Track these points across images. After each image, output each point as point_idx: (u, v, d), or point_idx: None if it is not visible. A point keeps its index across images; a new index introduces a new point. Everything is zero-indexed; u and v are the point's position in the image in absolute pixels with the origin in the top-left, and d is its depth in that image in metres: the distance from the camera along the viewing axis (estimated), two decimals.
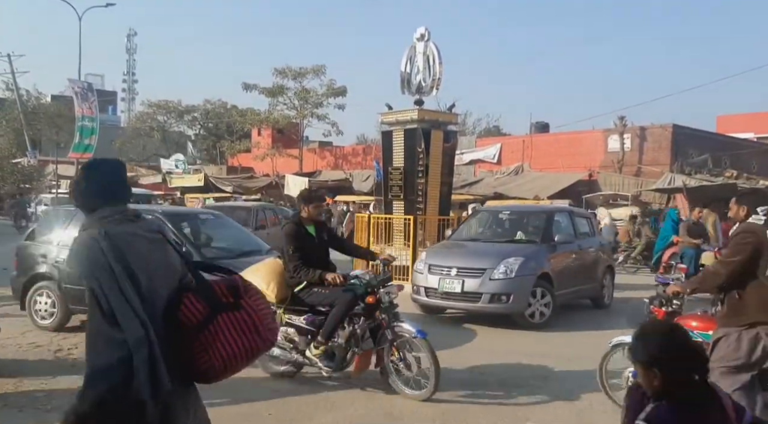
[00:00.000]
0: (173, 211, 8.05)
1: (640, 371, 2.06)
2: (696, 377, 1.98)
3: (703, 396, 1.87)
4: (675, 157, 24.03)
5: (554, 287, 8.47)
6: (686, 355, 2.00)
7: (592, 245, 10.13)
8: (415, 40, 12.35)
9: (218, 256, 7.16)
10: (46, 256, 7.48)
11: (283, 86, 33.98)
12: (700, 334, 4.38)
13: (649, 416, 1.95)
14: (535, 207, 11.62)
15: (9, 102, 42.45)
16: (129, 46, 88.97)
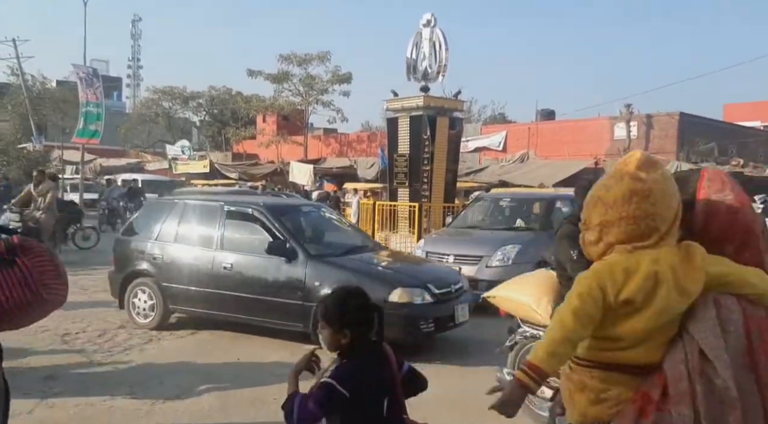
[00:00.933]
0: (275, 203, 7.49)
1: (329, 332, 2.22)
2: (374, 337, 2.24)
3: (377, 353, 2.13)
4: (681, 146, 23.88)
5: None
6: (371, 317, 2.25)
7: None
8: (421, 26, 12.28)
9: (325, 253, 6.68)
10: (144, 252, 7.14)
11: (288, 73, 33.82)
12: None
13: (335, 374, 2.16)
14: (536, 194, 11.55)
15: (14, 87, 42.40)
16: (134, 32, 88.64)
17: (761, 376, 1.52)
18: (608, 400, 1.70)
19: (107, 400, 4.71)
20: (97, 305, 8.05)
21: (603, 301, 1.66)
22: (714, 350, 1.56)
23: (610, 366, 1.71)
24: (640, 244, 1.69)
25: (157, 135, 45.77)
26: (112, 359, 5.78)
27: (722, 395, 1.52)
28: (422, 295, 6.00)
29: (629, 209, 1.69)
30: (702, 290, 1.66)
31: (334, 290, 2.34)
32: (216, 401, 4.77)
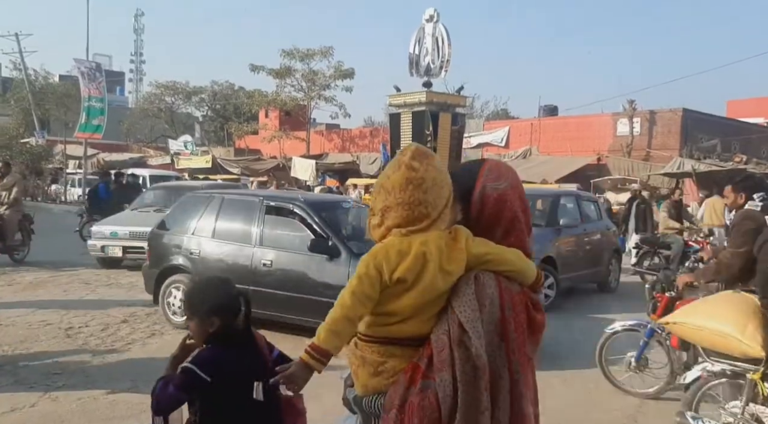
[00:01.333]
0: (316, 199, 7.26)
1: (196, 322, 2.28)
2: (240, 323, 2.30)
3: (246, 338, 2.22)
4: (684, 142, 23.84)
5: (558, 271, 8.47)
6: (237, 303, 2.31)
7: (598, 228, 10.10)
8: (424, 21, 12.24)
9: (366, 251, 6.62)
10: (180, 246, 6.91)
11: (290, 68, 33.79)
12: None
13: (195, 359, 2.22)
14: (541, 190, 11.57)
15: (17, 82, 42.45)
16: (136, 27, 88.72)
17: (509, 343, 1.75)
18: (385, 372, 1.85)
19: (110, 394, 4.73)
20: (100, 300, 8.07)
21: (379, 280, 1.82)
22: (470, 322, 1.75)
23: (386, 340, 1.87)
24: (413, 228, 1.84)
25: (160, 130, 45.80)
26: (115, 353, 5.79)
27: (475, 362, 1.71)
28: None
29: (404, 196, 1.84)
30: (466, 268, 1.83)
31: (195, 280, 2.41)
32: None
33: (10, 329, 6.55)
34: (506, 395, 1.74)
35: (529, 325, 1.85)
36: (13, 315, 7.09)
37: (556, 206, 9.39)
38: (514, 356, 1.78)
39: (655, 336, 4.84)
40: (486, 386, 1.72)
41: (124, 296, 8.42)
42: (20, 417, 4.26)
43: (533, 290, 1.94)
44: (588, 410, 4.72)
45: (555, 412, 4.65)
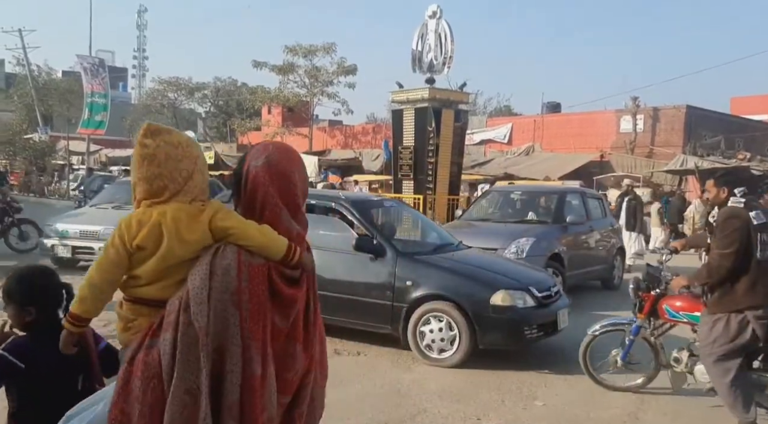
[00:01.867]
0: (357, 198, 7.08)
1: (12, 310, 2.34)
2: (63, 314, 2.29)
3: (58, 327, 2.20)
4: (688, 139, 23.77)
5: (565, 268, 8.46)
6: (58, 294, 2.39)
7: (603, 226, 10.09)
8: (427, 17, 12.24)
9: (414, 251, 6.36)
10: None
11: (293, 64, 33.73)
12: (686, 315, 4.57)
13: (9, 346, 2.28)
14: (547, 187, 11.56)
15: (20, 77, 42.52)
16: (139, 23, 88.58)
17: (242, 311, 1.89)
18: (133, 328, 2.04)
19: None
20: None
21: (124, 247, 2.01)
22: (194, 289, 1.91)
23: (135, 300, 2.07)
24: (155, 200, 2.03)
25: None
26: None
27: (194, 325, 1.89)
28: (524, 298, 5.62)
29: (142, 171, 2.05)
30: (215, 240, 1.99)
31: (18, 269, 2.46)
32: None
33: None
34: (238, 359, 1.89)
35: (274, 297, 1.99)
36: None
37: (562, 204, 9.39)
38: (247, 324, 1.91)
39: (641, 333, 4.88)
40: (205, 349, 1.87)
41: None
42: None
43: (286, 265, 2.04)
44: (589, 408, 4.72)
45: (556, 410, 4.66)
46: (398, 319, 5.72)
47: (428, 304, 5.63)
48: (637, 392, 5.02)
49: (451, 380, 5.21)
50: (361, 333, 6.65)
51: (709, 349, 4.03)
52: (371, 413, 4.47)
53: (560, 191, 10.35)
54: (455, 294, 5.57)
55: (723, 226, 4.02)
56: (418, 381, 5.14)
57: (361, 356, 5.87)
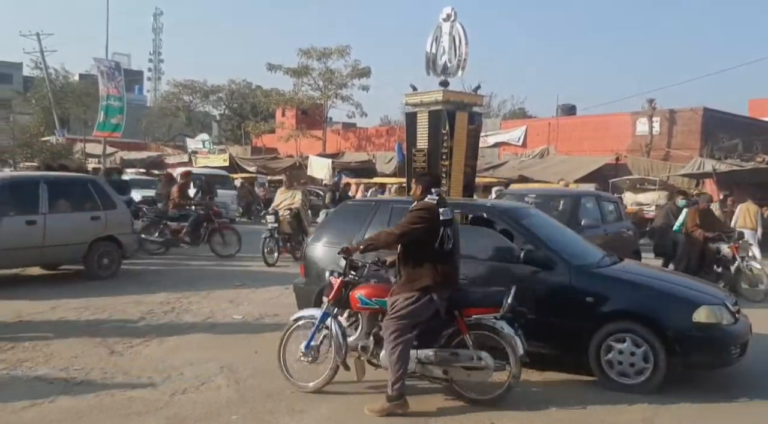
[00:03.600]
0: (508, 206, 6.75)
1: None
2: None
3: None
4: (705, 142, 23.51)
5: None
6: None
7: (619, 229, 10.00)
8: (441, 20, 12.19)
9: (584, 263, 5.64)
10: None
11: (307, 67, 33.89)
12: (377, 301, 4.74)
13: None
14: (562, 191, 11.50)
15: (38, 80, 43.02)
16: (155, 26, 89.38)
17: None
18: None
19: (127, 390, 4.77)
20: (118, 297, 8.15)
21: None
22: None
23: None
24: None
25: (178, 128, 46.18)
26: (133, 350, 5.84)
27: None
28: (724, 314, 5.13)
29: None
30: None
31: None
32: (234, 393, 4.81)
33: (30, 325, 6.64)
34: None
35: None
36: (32, 311, 7.20)
37: (577, 207, 9.35)
38: None
39: (328, 321, 4.79)
40: None
41: (143, 292, 8.50)
42: (39, 412, 4.32)
43: None
44: (604, 413, 4.67)
45: (570, 414, 4.62)
46: (578, 339, 5.18)
47: (615, 323, 5.08)
48: (650, 398, 4.96)
49: None
50: None
51: (396, 320, 4.52)
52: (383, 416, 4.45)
53: (575, 194, 10.28)
54: (651, 311, 5.04)
55: (415, 212, 4.70)
56: (430, 385, 5.11)
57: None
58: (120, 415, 4.33)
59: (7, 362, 5.32)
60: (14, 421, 4.16)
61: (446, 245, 4.57)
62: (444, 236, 4.55)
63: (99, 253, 9.49)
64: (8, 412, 4.29)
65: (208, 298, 8.29)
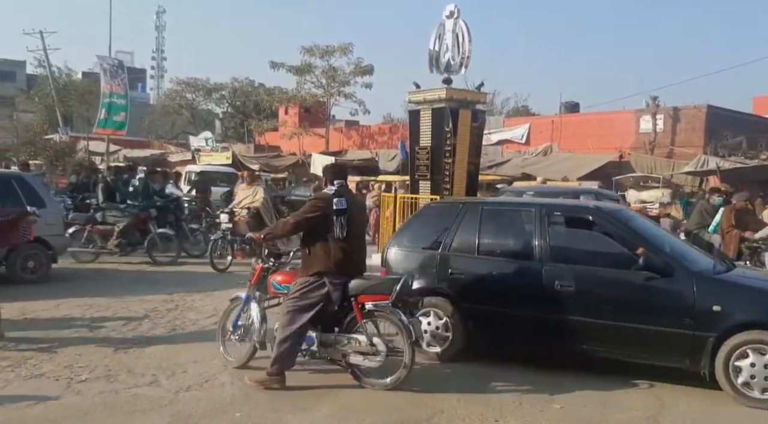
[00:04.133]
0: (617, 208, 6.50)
1: None
2: None
3: None
4: (709, 139, 23.46)
5: None
6: None
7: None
8: (444, 17, 12.19)
9: (703, 268, 5.36)
10: (434, 266, 5.90)
11: (310, 65, 33.83)
12: (285, 286, 5.13)
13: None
14: (560, 188, 11.42)
15: (41, 79, 43.10)
16: (158, 24, 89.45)
17: None
18: None
19: (131, 388, 4.79)
20: (122, 295, 8.17)
21: None
22: None
23: None
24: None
25: (181, 126, 46.21)
26: (137, 348, 5.86)
27: None
28: None
29: None
30: None
31: None
32: (238, 391, 4.82)
33: (35, 323, 6.66)
34: None
35: None
36: (37, 309, 7.22)
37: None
38: None
39: (252, 303, 5.30)
40: None
41: (147, 291, 8.52)
42: (45, 409, 4.33)
43: None
44: (608, 411, 4.67)
45: (574, 412, 4.62)
46: (702, 351, 4.87)
47: (747, 333, 4.76)
48: (656, 396, 4.96)
49: (469, 381, 5.18)
50: None
51: (291, 302, 4.89)
52: (387, 413, 4.46)
53: (572, 192, 10.20)
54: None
55: (311, 202, 5.09)
56: (435, 382, 5.12)
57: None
58: (125, 412, 4.34)
59: (12, 359, 5.34)
60: (19, 418, 4.18)
61: (340, 233, 4.86)
62: (338, 225, 4.85)
63: (23, 255, 8.81)
64: (13, 409, 4.31)
65: (212, 297, 8.30)
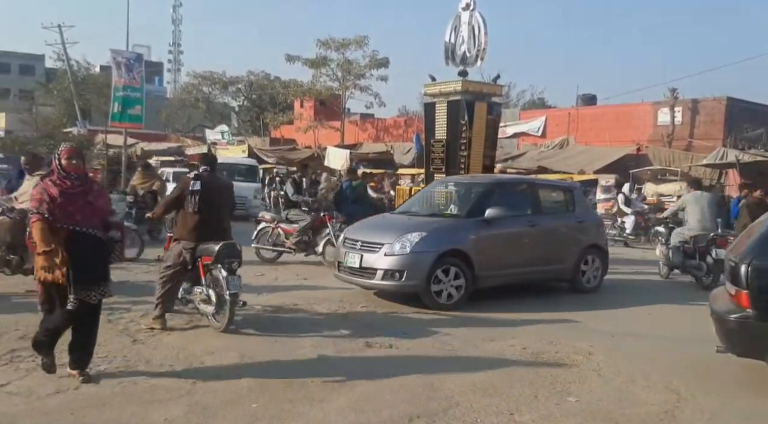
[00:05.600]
0: None
1: None
2: None
3: None
4: (728, 132, 23.14)
5: (475, 267, 7.77)
6: None
7: (562, 221, 9.14)
8: (460, 9, 12.14)
9: None
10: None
11: (326, 58, 33.84)
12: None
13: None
14: (482, 178, 10.18)
15: (60, 72, 43.54)
16: (175, 17, 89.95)
17: None
18: None
19: (149, 378, 4.84)
20: (139, 286, 8.25)
21: None
22: None
23: None
24: None
25: (197, 120, 46.45)
26: (155, 339, 5.92)
27: None
28: None
29: None
30: None
31: None
32: (254, 383, 4.85)
33: None
34: None
35: None
36: None
37: (483, 196, 8.47)
38: None
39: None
40: None
41: None
42: (65, 399, 4.39)
43: None
44: (624, 405, 4.65)
45: (590, 406, 4.60)
46: None
47: None
48: (673, 390, 4.93)
49: (484, 374, 5.18)
50: (391, 326, 6.67)
51: (162, 264, 6.51)
52: (403, 405, 4.47)
53: (489, 182, 9.16)
54: None
55: (177, 185, 6.71)
56: (450, 374, 5.12)
57: (393, 348, 5.88)
58: (142, 402, 4.39)
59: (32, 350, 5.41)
60: (40, 408, 4.24)
61: (192, 208, 6.18)
62: (191, 202, 6.18)
63: None
64: (34, 399, 4.37)
65: None
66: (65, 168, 4.61)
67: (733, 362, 5.27)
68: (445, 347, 5.98)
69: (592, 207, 15.61)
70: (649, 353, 5.96)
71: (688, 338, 6.52)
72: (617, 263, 11.21)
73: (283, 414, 4.27)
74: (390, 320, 7.11)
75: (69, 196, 4.57)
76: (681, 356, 5.90)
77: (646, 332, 6.93)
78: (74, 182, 4.62)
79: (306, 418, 4.21)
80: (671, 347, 6.21)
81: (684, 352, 6.03)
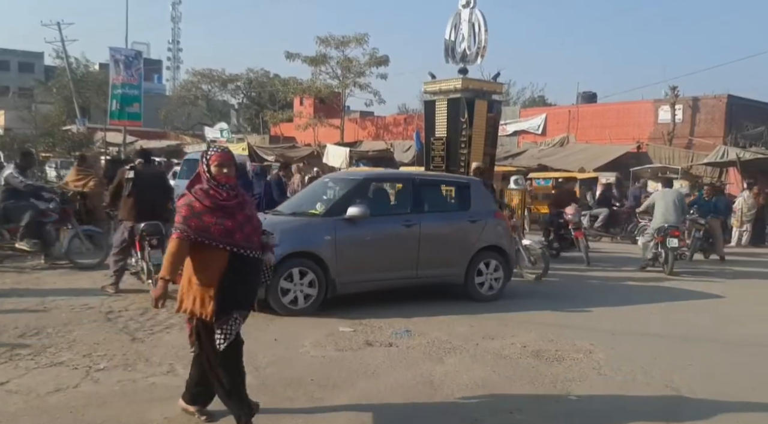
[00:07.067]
0: None
1: None
2: None
3: None
4: (729, 130, 23.13)
5: (330, 270, 7.12)
6: None
7: (450, 220, 8.23)
8: (460, 6, 12.09)
9: None
10: None
11: (325, 55, 33.80)
12: None
13: None
14: (357, 174, 9.58)
15: (59, 70, 43.50)
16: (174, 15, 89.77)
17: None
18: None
19: (149, 376, 4.83)
20: (139, 285, 8.23)
21: None
22: None
23: None
24: None
25: (197, 117, 46.42)
26: (154, 337, 5.91)
27: None
28: None
29: None
30: None
31: None
32: (253, 380, 4.83)
33: (54, 312, 6.74)
34: None
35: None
36: (57, 299, 7.30)
37: (348, 194, 7.71)
38: None
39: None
40: None
41: None
42: (64, 397, 4.38)
43: None
44: (624, 404, 4.64)
45: (590, 404, 4.59)
46: None
47: None
48: (673, 389, 4.92)
49: (484, 373, 5.17)
50: (392, 325, 6.66)
51: (114, 248, 7.83)
52: (403, 404, 4.46)
53: (362, 178, 8.35)
54: None
55: (117, 174, 8.07)
56: (450, 373, 5.11)
57: (393, 347, 5.86)
58: (142, 401, 4.38)
59: (32, 347, 5.41)
60: (39, 406, 4.23)
61: (127, 193, 7.53)
62: (127, 188, 7.51)
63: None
64: (33, 397, 4.36)
65: None
66: (216, 177, 3.75)
67: (734, 360, 5.26)
68: (445, 345, 5.97)
69: (591, 208, 15.77)
70: (649, 352, 5.95)
71: (688, 337, 6.52)
72: (617, 262, 11.18)
73: (283, 413, 4.26)
74: (390, 318, 7.10)
75: (226, 210, 3.75)
76: (681, 354, 5.90)
77: (646, 331, 6.93)
78: (230, 193, 3.77)
79: (306, 417, 4.20)
80: (672, 346, 6.21)
81: (684, 350, 6.02)
